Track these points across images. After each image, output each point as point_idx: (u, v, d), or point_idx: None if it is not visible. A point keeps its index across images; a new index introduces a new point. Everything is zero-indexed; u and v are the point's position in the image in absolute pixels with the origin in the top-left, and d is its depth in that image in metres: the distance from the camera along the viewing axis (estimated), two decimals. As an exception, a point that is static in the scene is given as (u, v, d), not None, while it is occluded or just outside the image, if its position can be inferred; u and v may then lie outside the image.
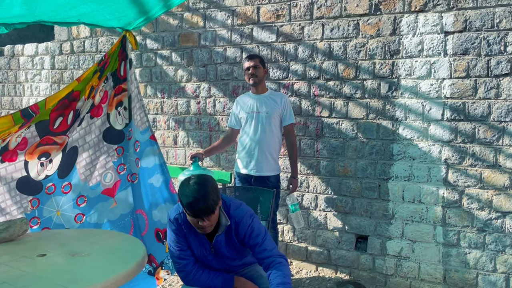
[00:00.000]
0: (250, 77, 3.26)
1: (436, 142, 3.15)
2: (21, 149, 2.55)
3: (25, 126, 2.50)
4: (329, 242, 3.60)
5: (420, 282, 3.26)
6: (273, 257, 2.10)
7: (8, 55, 5.30)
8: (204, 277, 2.20)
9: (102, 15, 2.51)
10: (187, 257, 2.20)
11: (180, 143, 4.21)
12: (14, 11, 2.25)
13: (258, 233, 2.14)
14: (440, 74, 3.10)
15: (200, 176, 2.07)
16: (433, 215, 3.19)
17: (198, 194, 1.97)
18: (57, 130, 2.67)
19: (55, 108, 2.61)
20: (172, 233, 2.19)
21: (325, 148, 3.54)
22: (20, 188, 2.59)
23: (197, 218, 2.01)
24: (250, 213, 2.19)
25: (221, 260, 2.23)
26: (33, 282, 1.75)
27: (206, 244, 2.19)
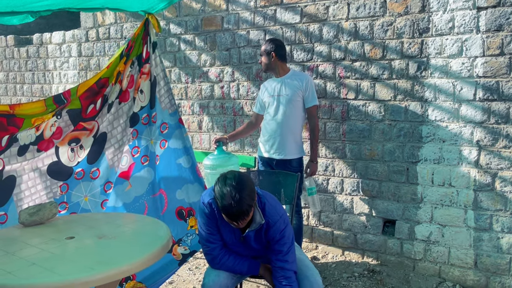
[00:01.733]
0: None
1: (468, 123, 3.03)
2: (56, 138, 2.60)
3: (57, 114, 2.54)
4: (355, 227, 3.55)
5: (450, 267, 3.18)
6: (289, 272, 2.12)
7: (36, 43, 5.41)
8: (230, 262, 2.21)
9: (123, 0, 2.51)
10: (216, 241, 2.20)
11: (205, 128, 4.22)
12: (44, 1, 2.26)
13: (286, 242, 2.13)
14: (472, 52, 2.97)
15: (237, 176, 2.00)
16: (464, 198, 3.09)
17: (233, 199, 1.92)
18: (87, 116, 2.70)
19: (85, 95, 2.63)
20: (204, 216, 2.18)
21: (351, 131, 3.46)
22: (51, 174, 2.64)
23: (230, 220, 2.00)
24: (285, 218, 2.16)
25: (249, 248, 2.24)
26: (61, 263, 1.79)
27: (237, 232, 2.18)
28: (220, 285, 2.16)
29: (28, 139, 2.47)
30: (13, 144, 2.40)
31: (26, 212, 2.25)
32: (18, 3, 2.15)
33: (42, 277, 1.66)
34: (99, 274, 1.71)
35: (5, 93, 5.83)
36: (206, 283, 2.18)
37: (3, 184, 2.41)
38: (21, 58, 5.59)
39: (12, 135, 2.37)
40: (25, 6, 2.23)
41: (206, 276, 2.22)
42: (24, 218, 2.24)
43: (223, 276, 2.20)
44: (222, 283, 2.18)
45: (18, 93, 5.70)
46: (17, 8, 2.21)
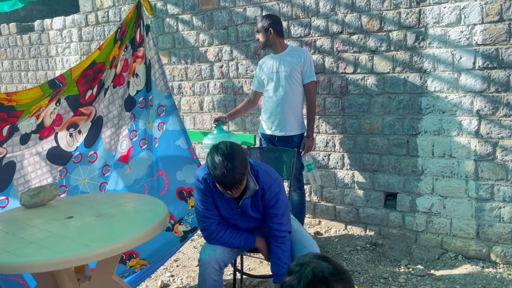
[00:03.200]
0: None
1: (468, 93, 2.99)
2: (57, 125, 2.63)
3: (55, 99, 2.56)
4: (357, 201, 3.56)
5: (452, 238, 3.19)
6: (284, 232, 2.20)
7: (38, 30, 5.43)
8: (226, 236, 2.24)
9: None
10: (212, 217, 2.23)
11: (206, 108, 4.23)
12: None
13: (281, 205, 2.18)
14: (471, 20, 2.90)
15: (228, 146, 2.03)
16: (465, 169, 3.07)
17: (225, 168, 1.95)
18: (85, 102, 2.73)
19: (81, 80, 2.65)
20: (199, 192, 2.22)
21: (351, 105, 3.44)
22: (51, 158, 2.68)
23: (224, 189, 2.03)
24: (279, 181, 2.20)
25: (247, 220, 2.27)
26: (58, 242, 1.84)
27: (233, 204, 2.22)
28: (216, 259, 2.20)
29: (29, 127, 2.50)
30: (14, 133, 2.43)
31: (27, 194, 2.31)
32: None
33: (39, 255, 1.72)
34: (94, 251, 1.76)
35: (11, 81, 5.90)
36: (202, 257, 2.22)
37: (2, 169, 2.46)
38: (24, 45, 5.63)
39: (12, 125, 2.41)
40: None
41: (202, 251, 2.27)
42: (25, 200, 2.30)
43: (219, 251, 2.24)
44: (219, 257, 2.22)
45: (23, 80, 5.76)
46: (6, -7, 2.22)
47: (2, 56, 5.92)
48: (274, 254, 2.19)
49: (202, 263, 2.20)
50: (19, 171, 2.55)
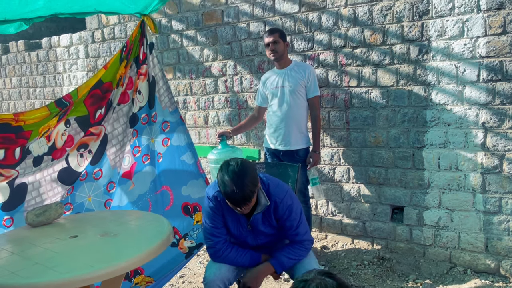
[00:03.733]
0: (270, 53, 3.22)
1: (472, 106, 2.97)
2: (69, 146, 2.65)
3: (63, 119, 2.58)
4: (364, 214, 3.53)
5: (461, 251, 3.15)
6: (301, 237, 2.21)
7: (46, 47, 5.51)
8: (232, 255, 2.23)
9: (118, 0, 2.52)
10: (220, 235, 2.23)
11: (211, 122, 4.25)
12: (36, 5, 2.30)
13: (295, 216, 2.18)
14: (474, 33, 2.90)
15: (238, 163, 2.03)
16: (472, 182, 3.04)
17: (236, 185, 1.95)
18: (94, 121, 2.75)
19: (89, 100, 2.67)
20: (209, 210, 2.21)
21: (355, 119, 3.44)
22: (62, 179, 2.69)
23: (234, 206, 2.03)
24: (291, 193, 2.20)
25: (257, 236, 2.26)
26: (63, 262, 1.84)
27: (243, 221, 2.21)
28: (222, 278, 2.19)
29: (41, 150, 2.51)
30: (26, 156, 2.44)
31: (33, 213, 2.32)
32: (9, 10, 2.19)
33: (43, 276, 1.72)
34: (98, 271, 1.75)
35: (19, 97, 5.98)
36: (207, 276, 2.21)
37: (14, 191, 2.46)
38: (32, 62, 5.71)
39: (23, 147, 2.43)
40: (17, 13, 2.27)
41: (207, 269, 2.26)
42: (31, 219, 2.31)
43: (224, 269, 2.23)
44: (224, 276, 2.21)
45: (31, 96, 5.83)
46: (9, 16, 2.25)
47: (11, 73, 6.00)
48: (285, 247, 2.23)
49: (207, 282, 2.19)
50: (31, 192, 2.56)
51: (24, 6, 2.27)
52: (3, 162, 2.36)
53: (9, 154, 2.36)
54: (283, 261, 2.20)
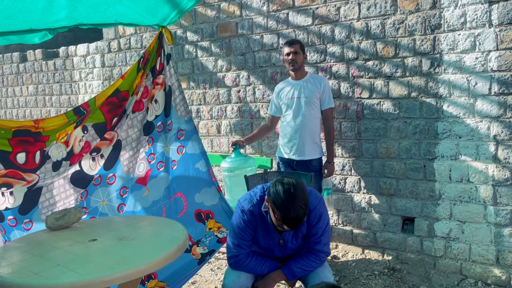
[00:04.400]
0: (290, 63, 3.29)
1: (484, 118, 3.01)
2: (86, 152, 2.74)
3: (80, 126, 2.67)
4: (374, 225, 3.56)
5: (472, 263, 3.15)
6: (319, 247, 2.25)
7: (63, 56, 5.65)
8: (252, 264, 2.28)
9: (137, 12, 2.61)
10: (245, 247, 2.27)
11: (223, 131, 4.32)
12: (59, 15, 2.40)
13: (322, 225, 2.23)
14: (486, 47, 2.94)
15: (293, 183, 2.03)
16: (483, 194, 3.06)
17: (292, 207, 1.96)
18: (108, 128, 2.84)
19: (106, 107, 2.75)
20: (241, 223, 2.23)
21: (367, 130, 3.48)
22: (74, 182, 2.78)
23: (285, 225, 2.03)
24: (323, 202, 2.26)
25: (285, 249, 2.31)
26: (84, 264, 1.90)
27: (275, 236, 2.25)
28: (241, 285, 2.24)
29: (60, 155, 2.60)
30: (46, 161, 2.53)
31: (52, 217, 2.39)
32: (34, 20, 2.28)
33: (65, 277, 1.78)
34: (118, 274, 1.81)
35: (35, 104, 6.11)
36: (227, 283, 2.25)
37: (30, 194, 2.55)
38: (49, 70, 5.84)
39: (43, 151, 2.51)
40: (41, 23, 2.37)
41: (226, 277, 2.30)
42: (51, 223, 2.38)
43: (243, 277, 2.27)
44: (242, 284, 2.26)
45: (47, 104, 5.96)
46: (35, 25, 2.35)
47: (28, 81, 6.14)
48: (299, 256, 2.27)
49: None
50: (45, 194, 2.65)
51: (47, 16, 2.36)
52: (25, 166, 2.44)
53: (29, 158, 2.45)
54: (294, 271, 2.25)
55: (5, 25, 2.28)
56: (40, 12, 2.27)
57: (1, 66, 6.44)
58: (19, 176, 2.42)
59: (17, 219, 2.46)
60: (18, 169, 2.41)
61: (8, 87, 6.40)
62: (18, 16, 2.20)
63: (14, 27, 2.36)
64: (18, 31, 2.45)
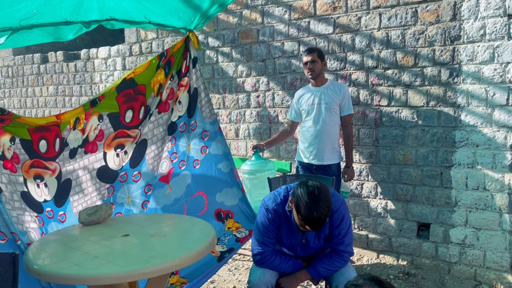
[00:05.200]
0: (308, 72, 3.38)
1: (501, 128, 3.08)
2: (99, 140, 2.83)
3: (97, 114, 2.74)
4: (390, 230, 3.63)
5: (486, 270, 3.22)
6: (343, 247, 2.32)
7: (84, 58, 5.78)
8: (276, 262, 2.35)
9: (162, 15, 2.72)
10: (270, 245, 2.35)
11: (242, 135, 4.41)
12: (91, 5, 2.46)
13: (344, 226, 2.30)
14: (504, 58, 3.03)
15: (317, 185, 2.10)
16: (499, 202, 3.12)
17: (315, 209, 2.03)
18: (130, 124, 2.93)
19: (122, 98, 2.82)
20: (266, 221, 2.31)
21: (385, 136, 3.56)
22: (100, 177, 2.88)
23: (308, 226, 2.10)
24: (345, 204, 2.34)
25: (307, 249, 2.39)
26: (121, 257, 2.00)
27: (298, 235, 2.33)
28: (266, 282, 2.32)
29: (76, 142, 2.69)
30: (64, 148, 2.63)
31: (85, 213, 2.49)
32: (68, 11, 2.35)
33: (106, 268, 1.87)
34: (154, 267, 1.90)
35: (55, 105, 6.25)
36: (252, 279, 2.34)
37: (62, 186, 2.66)
38: (70, 72, 5.98)
39: (62, 139, 2.60)
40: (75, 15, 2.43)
41: (252, 273, 2.38)
42: (84, 218, 2.48)
43: (268, 274, 2.35)
44: (268, 281, 2.34)
45: (67, 105, 6.09)
46: (71, 17, 2.42)
47: (48, 82, 6.28)
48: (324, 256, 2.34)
49: (252, 285, 2.31)
50: (74, 188, 2.75)
51: (79, 7, 2.41)
52: (46, 155, 2.52)
53: (50, 147, 2.52)
54: (319, 271, 2.33)
55: (43, 15, 2.31)
56: (72, 3, 2.31)
57: (22, 66, 6.59)
58: (42, 165, 2.50)
59: (54, 211, 2.56)
60: (40, 158, 2.48)
61: (29, 87, 6.55)
62: (54, 6, 2.25)
63: (50, 19, 2.40)
64: (54, 23, 2.48)
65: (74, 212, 2.65)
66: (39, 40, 2.59)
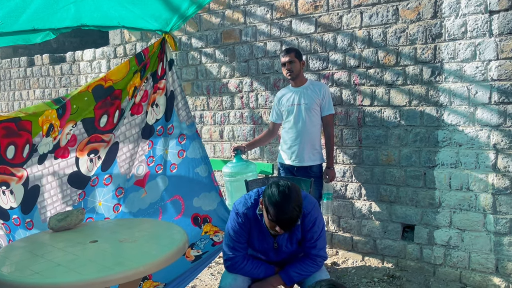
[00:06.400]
0: (287, 72, 3.33)
1: (484, 127, 3.03)
2: (71, 145, 2.77)
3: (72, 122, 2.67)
4: (374, 232, 3.57)
5: (471, 272, 3.16)
6: (316, 251, 2.28)
7: (70, 61, 5.72)
8: (248, 267, 2.30)
9: (140, 17, 2.66)
10: (241, 250, 2.29)
11: (226, 137, 4.35)
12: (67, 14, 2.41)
13: (317, 229, 2.25)
14: (486, 56, 2.97)
15: (287, 185, 2.06)
16: (483, 202, 3.07)
17: (286, 209, 1.99)
18: (104, 129, 2.87)
19: (98, 104, 2.78)
20: (236, 225, 2.26)
21: (368, 137, 3.51)
22: (71, 182, 2.81)
23: (278, 227, 2.04)
24: (317, 207, 2.29)
25: (280, 253, 2.33)
26: (84, 264, 1.93)
27: (270, 239, 2.28)
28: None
29: (46, 148, 2.62)
30: (33, 154, 2.55)
31: (55, 218, 2.43)
32: (38, 18, 2.31)
33: (66, 277, 1.81)
34: (117, 274, 1.84)
35: (42, 108, 6.18)
36: (223, 286, 2.28)
37: (29, 193, 2.58)
38: (56, 75, 5.92)
39: (33, 146, 2.52)
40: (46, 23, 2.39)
41: (223, 280, 2.32)
42: (53, 224, 2.42)
43: (240, 280, 2.29)
44: (239, 286, 2.28)
45: (53, 108, 6.03)
46: (38, 25, 2.37)
47: (35, 85, 6.22)
48: (296, 261, 2.29)
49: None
50: (42, 194, 2.67)
51: (50, 16, 2.37)
52: (13, 161, 2.43)
53: (18, 153, 2.43)
54: (291, 275, 2.27)
55: (9, 25, 2.28)
56: (43, 11, 2.27)
57: (9, 70, 6.53)
58: (8, 172, 2.42)
59: (20, 219, 2.50)
60: (7, 164, 2.40)
61: (16, 90, 6.49)
62: (22, 16, 2.21)
63: (18, 27, 2.36)
64: (22, 31, 2.45)
65: (42, 219, 2.59)
66: (5, 43, 2.55)
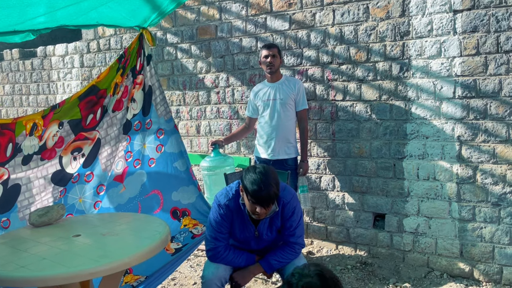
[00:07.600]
0: (267, 66, 3.41)
1: (449, 120, 3.21)
2: (58, 147, 2.78)
3: (57, 121, 2.70)
4: (347, 221, 3.72)
5: (438, 257, 3.35)
6: (294, 239, 2.39)
7: (41, 56, 5.63)
8: (230, 256, 2.39)
9: (119, 14, 2.69)
10: (223, 240, 2.38)
11: (203, 132, 4.41)
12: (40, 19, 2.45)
13: (296, 218, 2.36)
14: (450, 53, 3.14)
15: (265, 167, 2.21)
16: (448, 191, 3.26)
17: (264, 184, 2.10)
18: (88, 126, 2.89)
19: (84, 105, 2.81)
20: (218, 216, 2.34)
21: (341, 130, 3.64)
22: (54, 180, 2.82)
23: (258, 206, 2.14)
24: (296, 197, 2.40)
25: (261, 242, 2.43)
26: (69, 257, 1.98)
27: (251, 228, 2.37)
28: (219, 277, 2.35)
29: (31, 149, 2.62)
30: (17, 154, 2.55)
31: (35, 214, 2.44)
32: (18, 22, 2.33)
33: (53, 270, 1.85)
34: (102, 266, 1.89)
35: (12, 104, 6.06)
36: (206, 275, 2.36)
37: (7, 192, 2.56)
38: (26, 70, 5.81)
39: (16, 144, 2.53)
40: (25, 24, 2.41)
41: (205, 269, 2.40)
42: (34, 219, 2.43)
43: (221, 269, 2.38)
44: (221, 275, 2.37)
45: (24, 103, 5.92)
46: (18, 27, 2.39)
47: (4, 80, 6.09)
48: (276, 249, 2.40)
49: (206, 280, 2.34)
50: (24, 193, 2.66)
51: (29, 19, 2.40)
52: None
53: (1, 151, 2.43)
54: (271, 263, 2.38)
55: None
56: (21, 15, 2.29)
57: (-24, 64, 6.36)
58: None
59: None
60: None
61: (-17, 86, 6.32)
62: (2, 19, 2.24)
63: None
64: (1, 33, 2.48)
65: (20, 216, 2.58)
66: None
